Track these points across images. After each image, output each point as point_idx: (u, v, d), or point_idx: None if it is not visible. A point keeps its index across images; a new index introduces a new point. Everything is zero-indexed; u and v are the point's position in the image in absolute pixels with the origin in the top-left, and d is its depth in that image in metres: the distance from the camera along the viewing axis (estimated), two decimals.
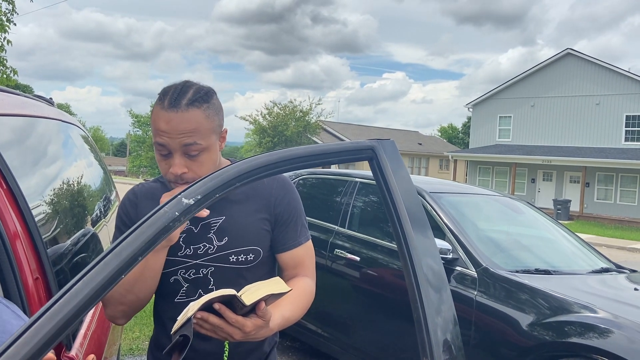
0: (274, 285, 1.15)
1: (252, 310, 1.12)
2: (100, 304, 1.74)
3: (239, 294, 1.08)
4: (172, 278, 1.37)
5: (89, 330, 1.49)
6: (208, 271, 1.36)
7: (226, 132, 1.41)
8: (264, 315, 1.14)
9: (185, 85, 1.34)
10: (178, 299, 1.38)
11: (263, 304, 1.13)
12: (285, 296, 1.33)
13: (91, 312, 1.60)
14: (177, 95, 1.31)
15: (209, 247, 1.36)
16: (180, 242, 1.35)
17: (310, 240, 1.51)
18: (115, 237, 1.40)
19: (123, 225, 1.40)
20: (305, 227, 1.50)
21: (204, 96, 1.33)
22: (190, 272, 1.36)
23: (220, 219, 1.37)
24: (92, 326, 1.55)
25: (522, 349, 2.81)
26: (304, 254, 1.47)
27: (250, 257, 1.38)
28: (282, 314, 1.28)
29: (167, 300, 1.40)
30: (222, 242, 1.36)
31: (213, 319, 1.10)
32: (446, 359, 0.89)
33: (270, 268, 1.47)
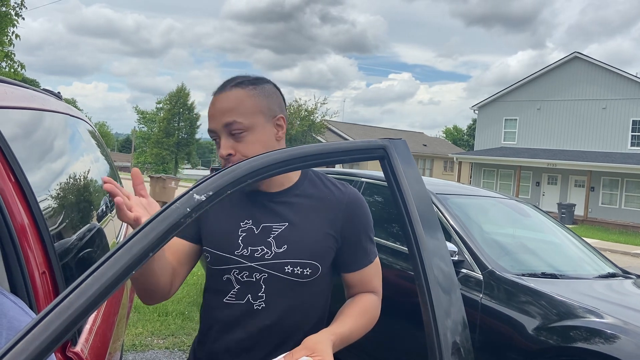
0: None
1: None
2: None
3: None
4: (225, 277, 1.32)
5: (94, 326, 1.49)
6: (261, 277, 1.29)
7: (284, 120, 1.35)
8: None
9: (238, 75, 1.35)
10: (227, 299, 1.32)
11: None
12: (344, 313, 1.32)
13: None
14: (226, 81, 1.32)
15: (267, 252, 1.29)
16: (239, 241, 1.31)
17: (377, 256, 1.43)
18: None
19: None
20: (373, 242, 1.41)
21: (252, 80, 1.33)
22: (244, 274, 1.30)
23: (283, 225, 1.31)
24: (98, 322, 1.55)
25: (527, 353, 2.79)
26: (372, 273, 1.40)
27: (307, 271, 1.30)
28: (339, 332, 1.23)
29: (216, 298, 1.34)
30: (281, 250, 1.29)
31: None
32: None
33: (327, 287, 1.39)
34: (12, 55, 10.91)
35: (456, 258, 3.27)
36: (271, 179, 1.30)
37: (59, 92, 2.45)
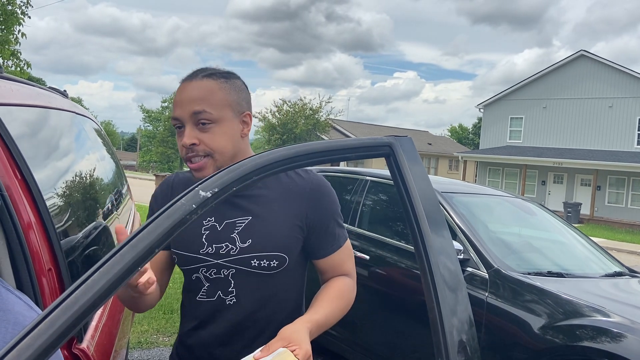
0: None
1: None
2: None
3: None
4: (194, 275, 1.33)
5: (100, 323, 1.49)
6: (229, 273, 1.30)
7: (250, 117, 1.34)
8: None
9: (209, 66, 1.35)
10: (199, 297, 1.33)
11: None
12: (319, 299, 1.31)
13: None
14: (197, 70, 1.32)
15: (232, 248, 1.29)
16: (203, 240, 1.30)
17: (347, 239, 1.41)
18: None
19: (153, 213, 1.34)
20: (341, 225, 1.40)
21: (223, 73, 1.33)
22: (212, 272, 1.31)
23: (247, 219, 1.30)
24: (104, 319, 1.55)
25: (533, 352, 2.78)
26: (343, 256, 1.39)
27: (274, 263, 1.29)
28: (314, 319, 1.22)
29: (190, 297, 1.37)
30: (245, 244, 1.28)
31: None
32: None
33: (299, 276, 1.38)
34: (19, 54, 10.96)
35: (462, 257, 3.26)
36: None
37: (65, 90, 2.46)
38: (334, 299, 1.31)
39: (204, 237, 1.30)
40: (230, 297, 1.31)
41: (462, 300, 0.91)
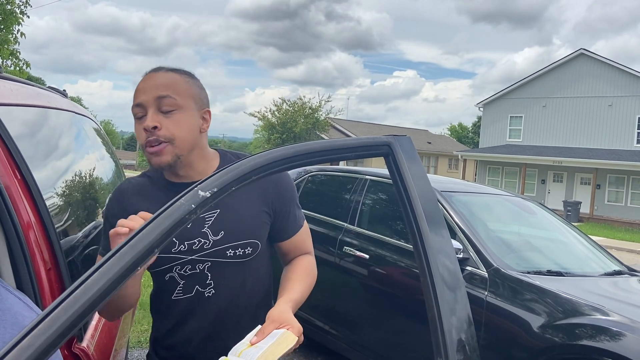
0: (284, 342, 1.12)
1: None
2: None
3: None
4: (168, 275, 1.35)
5: (100, 322, 1.49)
6: (205, 266, 1.33)
7: (209, 114, 1.38)
8: None
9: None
10: (175, 296, 1.36)
11: None
12: (291, 278, 1.38)
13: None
14: (161, 66, 1.37)
15: (204, 242, 1.32)
16: (174, 239, 1.30)
17: (304, 219, 1.50)
18: (105, 231, 1.34)
19: (107, 223, 1.36)
20: (299, 207, 1.48)
21: (186, 71, 1.38)
22: (186, 268, 1.33)
23: (215, 213, 1.33)
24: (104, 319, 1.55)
25: (532, 350, 2.78)
26: (304, 235, 1.48)
27: (249, 250, 1.35)
28: (293, 298, 1.29)
29: (163, 297, 1.38)
30: (218, 237, 1.32)
31: None
32: (460, 359, 0.87)
33: (267, 260, 1.45)
34: (18, 54, 10.94)
35: (461, 256, 3.26)
36: (191, 168, 1.34)
37: (64, 90, 2.46)
38: (304, 277, 1.40)
39: (175, 236, 1.32)
40: (209, 289, 1.35)
41: (461, 299, 0.92)
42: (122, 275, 0.60)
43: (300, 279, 1.38)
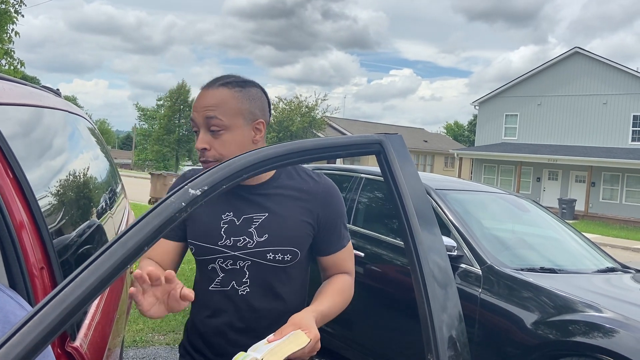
0: (294, 342, 1.15)
1: None
2: (105, 294, 1.75)
3: (260, 358, 1.09)
4: (210, 266, 1.41)
5: (93, 321, 1.49)
6: (245, 264, 1.39)
7: (263, 125, 1.42)
8: None
9: (228, 74, 1.44)
10: (212, 287, 1.42)
11: None
12: (323, 292, 1.41)
13: (96, 302, 1.61)
14: (216, 78, 1.41)
15: (249, 242, 1.38)
16: (222, 233, 1.39)
17: (350, 240, 1.53)
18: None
19: None
20: (346, 228, 1.51)
21: (240, 82, 1.41)
22: (228, 263, 1.40)
23: (264, 216, 1.39)
24: (97, 317, 1.55)
25: (526, 347, 2.80)
26: (346, 255, 1.50)
27: (288, 257, 1.39)
28: (320, 310, 1.32)
29: (202, 286, 1.44)
30: (262, 239, 1.38)
31: None
32: (451, 355, 0.88)
33: (305, 270, 1.49)
34: (12, 53, 10.90)
35: (455, 253, 3.28)
36: None
37: (58, 89, 2.45)
38: (336, 294, 1.42)
39: (223, 230, 1.39)
40: (244, 287, 1.40)
41: (452, 296, 0.92)
42: (112, 273, 0.60)
43: (332, 294, 1.41)
